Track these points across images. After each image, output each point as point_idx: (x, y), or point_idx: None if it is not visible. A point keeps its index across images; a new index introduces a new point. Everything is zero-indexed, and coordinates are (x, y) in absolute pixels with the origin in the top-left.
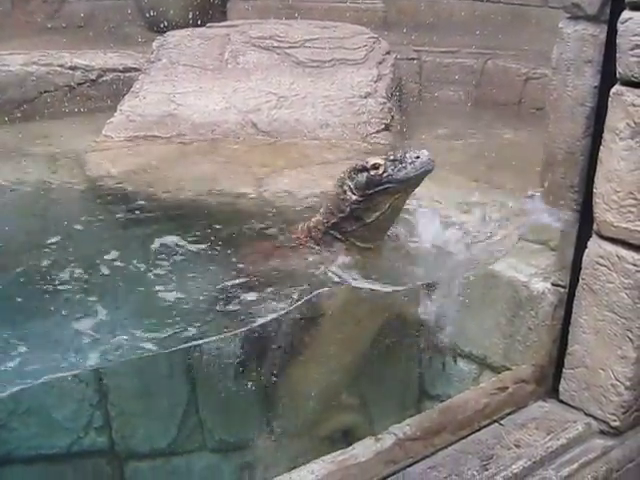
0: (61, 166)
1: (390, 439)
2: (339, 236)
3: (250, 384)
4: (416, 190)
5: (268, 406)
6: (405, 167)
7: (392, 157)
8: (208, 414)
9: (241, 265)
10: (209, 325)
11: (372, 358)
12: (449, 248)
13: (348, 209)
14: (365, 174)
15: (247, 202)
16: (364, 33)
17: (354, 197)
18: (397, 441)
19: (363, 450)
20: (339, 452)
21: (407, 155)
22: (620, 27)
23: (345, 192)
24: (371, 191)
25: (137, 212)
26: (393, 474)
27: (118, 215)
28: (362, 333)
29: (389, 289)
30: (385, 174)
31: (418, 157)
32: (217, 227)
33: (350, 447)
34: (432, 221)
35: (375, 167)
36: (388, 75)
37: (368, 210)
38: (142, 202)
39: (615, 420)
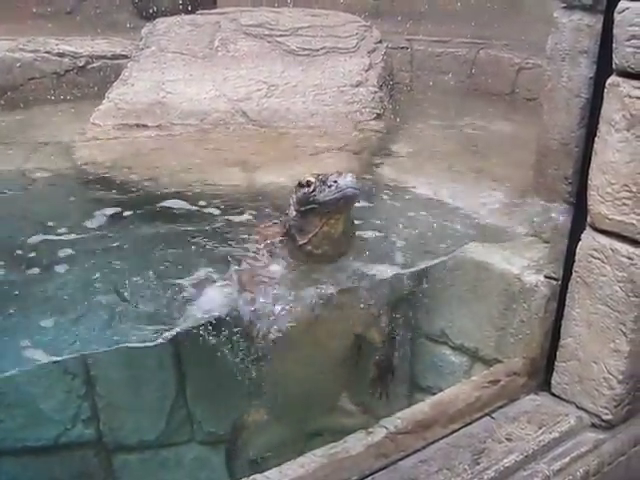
0: (48, 154)
1: (381, 432)
2: (280, 252)
3: (238, 376)
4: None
5: (255, 396)
6: (324, 190)
7: (321, 177)
8: (197, 406)
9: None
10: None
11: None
12: None
13: (288, 225)
14: (301, 190)
15: (235, 192)
16: (356, 21)
17: (293, 213)
18: (388, 434)
19: (354, 443)
20: (330, 445)
21: (330, 177)
22: (617, 17)
23: (289, 206)
24: (303, 209)
25: (123, 200)
26: (384, 468)
27: (103, 204)
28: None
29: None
30: (313, 193)
31: (336, 182)
32: (200, 219)
33: (342, 440)
34: None
35: (307, 184)
36: (380, 64)
37: (301, 231)
38: (128, 191)
39: (607, 414)
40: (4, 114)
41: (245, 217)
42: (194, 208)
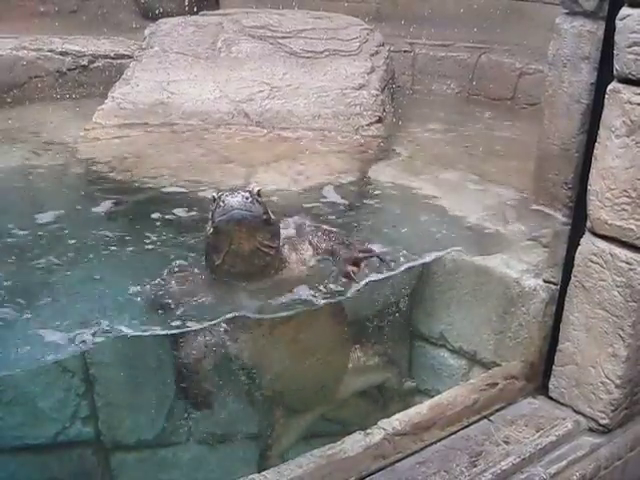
0: (51, 152)
1: (379, 434)
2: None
3: (236, 377)
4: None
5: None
6: (217, 209)
7: (219, 194)
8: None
9: None
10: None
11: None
12: None
13: (206, 244)
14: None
15: None
16: (358, 24)
17: (209, 230)
18: (386, 436)
19: (352, 445)
20: (328, 446)
21: (222, 196)
22: (618, 24)
23: (208, 223)
24: (214, 229)
25: (124, 199)
26: (382, 469)
27: (105, 202)
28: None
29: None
30: (214, 211)
31: (224, 202)
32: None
33: (339, 441)
34: None
35: (212, 201)
36: (382, 67)
37: (215, 249)
38: (129, 190)
39: (604, 418)
40: (8, 112)
41: None
42: (193, 208)
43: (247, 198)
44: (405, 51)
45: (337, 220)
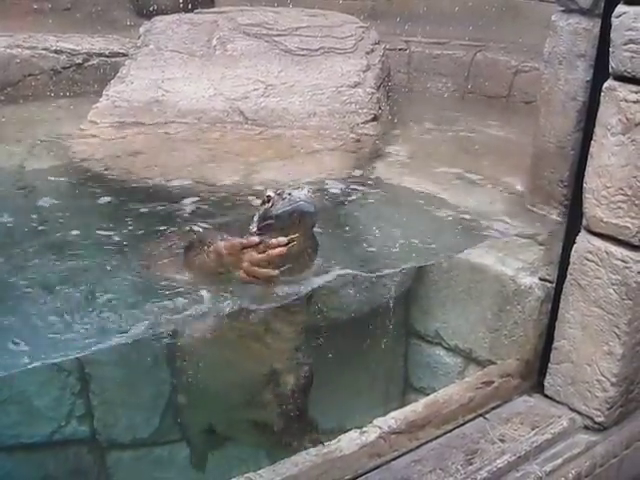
0: (45, 151)
1: (375, 432)
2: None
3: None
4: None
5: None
6: (279, 203)
7: (279, 191)
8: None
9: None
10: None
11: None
12: None
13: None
14: (263, 207)
15: (230, 192)
16: (353, 22)
17: (253, 229)
18: (382, 434)
19: (348, 443)
20: (324, 445)
21: (286, 192)
22: (614, 21)
23: (252, 224)
24: (261, 225)
25: (117, 198)
26: (378, 467)
27: (99, 201)
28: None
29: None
30: (272, 208)
31: (290, 194)
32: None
33: (335, 440)
34: None
35: (268, 199)
36: (377, 65)
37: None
38: (125, 189)
39: (600, 416)
40: (2, 110)
41: (234, 216)
42: (187, 206)
43: (311, 194)
44: (401, 49)
45: (331, 217)
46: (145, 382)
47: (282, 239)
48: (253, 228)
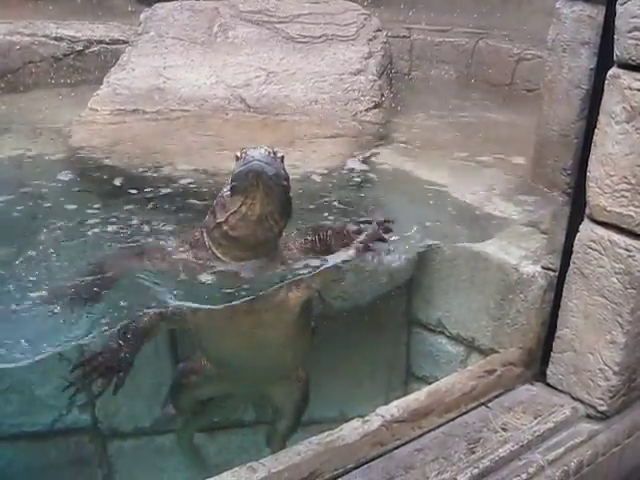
0: (45, 138)
1: (377, 421)
2: (206, 242)
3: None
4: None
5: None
6: (238, 162)
7: (243, 151)
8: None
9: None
10: None
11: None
12: None
13: (214, 204)
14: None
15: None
16: (355, 9)
17: (225, 190)
18: (384, 423)
19: (350, 432)
20: (326, 433)
21: (245, 151)
22: (619, 9)
23: (225, 185)
24: (231, 184)
25: (117, 185)
26: (380, 456)
27: (99, 188)
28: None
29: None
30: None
31: (246, 153)
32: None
33: (338, 428)
34: None
35: (236, 159)
36: (379, 52)
37: (223, 208)
38: (125, 176)
39: (602, 404)
40: (2, 98)
41: None
42: (189, 193)
43: (269, 154)
44: (403, 36)
45: (334, 204)
46: (147, 371)
47: None
48: (226, 192)
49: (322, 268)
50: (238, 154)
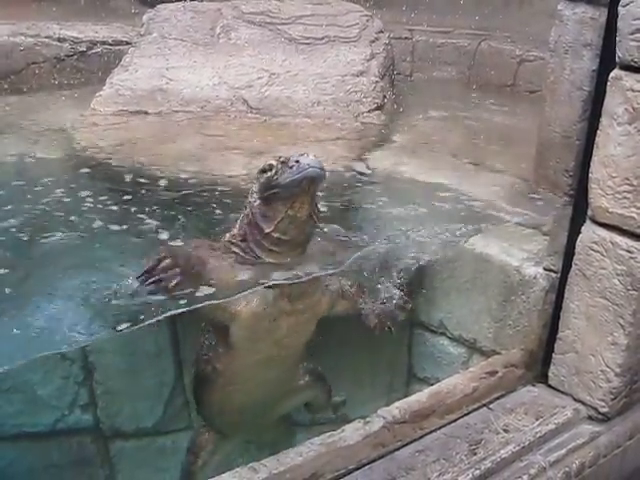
0: (48, 139)
1: (379, 422)
2: (245, 247)
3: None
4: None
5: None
6: (285, 171)
7: (282, 159)
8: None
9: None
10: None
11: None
12: None
13: (251, 214)
14: (264, 175)
15: (233, 180)
16: (358, 11)
17: (256, 202)
18: (386, 424)
19: (352, 433)
20: (328, 434)
21: (291, 158)
22: (621, 10)
23: (252, 194)
24: (266, 194)
25: (120, 185)
26: (382, 457)
27: (100, 188)
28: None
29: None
30: (275, 177)
31: (298, 161)
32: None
33: (339, 429)
34: None
35: (270, 168)
36: (381, 54)
37: (266, 218)
38: (128, 177)
39: (604, 406)
40: (6, 98)
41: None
42: (191, 195)
43: (319, 160)
44: (405, 38)
45: (335, 205)
46: (149, 371)
47: None
48: (255, 201)
49: None
50: (274, 162)
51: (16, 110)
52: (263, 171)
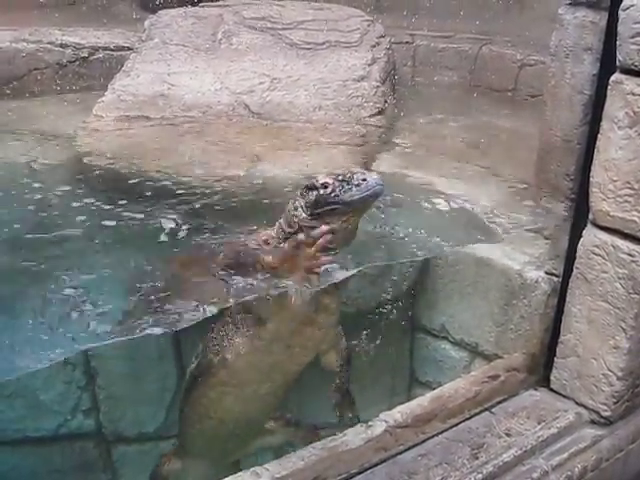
0: (51, 144)
1: (380, 426)
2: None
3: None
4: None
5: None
6: (351, 189)
7: (341, 177)
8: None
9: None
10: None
11: None
12: None
13: (297, 227)
14: (315, 192)
15: (236, 186)
16: (359, 16)
17: (303, 215)
18: (387, 428)
19: (353, 437)
20: (330, 439)
21: (355, 176)
22: (621, 14)
23: (296, 209)
24: (319, 210)
25: (122, 191)
26: (384, 461)
27: (103, 194)
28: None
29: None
30: (333, 194)
31: (365, 179)
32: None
33: (341, 434)
34: None
35: (324, 186)
36: (382, 59)
37: (313, 229)
38: (130, 182)
39: (606, 410)
40: (8, 104)
41: (242, 211)
42: (193, 200)
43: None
44: (406, 42)
45: None
46: (151, 376)
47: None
48: (301, 215)
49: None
50: (329, 181)
51: (18, 116)
52: (311, 188)
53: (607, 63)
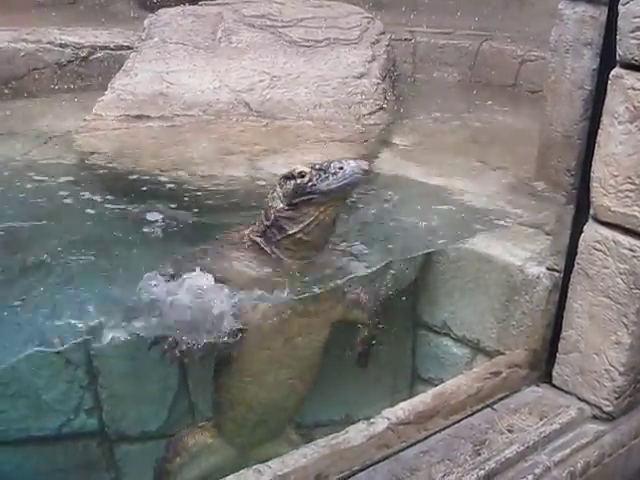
0: (51, 144)
1: (383, 423)
2: (265, 246)
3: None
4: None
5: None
6: (328, 178)
7: (318, 166)
8: (199, 398)
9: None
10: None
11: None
12: None
13: (272, 217)
14: (292, 182)
15: (236, 184)
16: (358, 13)
17: (280, 205)
18: (390, 425)
19: (356, 434)
20: (332, 436)
21: (331, 165)
22: (621, 9)
23: (274, 199)
24: (296, 200)
25: (122, 191)
26: (386, 458)
27: (103, 194)
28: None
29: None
30: (310, 183)
31: (342, 168)
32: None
33: (343, 431)
34: None
35: (301, 175)
36: (382, 56)
37: (292, 220)
38: (131, 181)
39: (608, 405)
40: (7, 104)
41: (242, 209)
42: (194, 199)
43: (358, 163)
44: (406, 39)
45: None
46: (153, 375)
47: None
48: (278, 205)
49: None
50: (306, 169)
51: (18, 116)
52: (289, 178)
53: (607, 58)
